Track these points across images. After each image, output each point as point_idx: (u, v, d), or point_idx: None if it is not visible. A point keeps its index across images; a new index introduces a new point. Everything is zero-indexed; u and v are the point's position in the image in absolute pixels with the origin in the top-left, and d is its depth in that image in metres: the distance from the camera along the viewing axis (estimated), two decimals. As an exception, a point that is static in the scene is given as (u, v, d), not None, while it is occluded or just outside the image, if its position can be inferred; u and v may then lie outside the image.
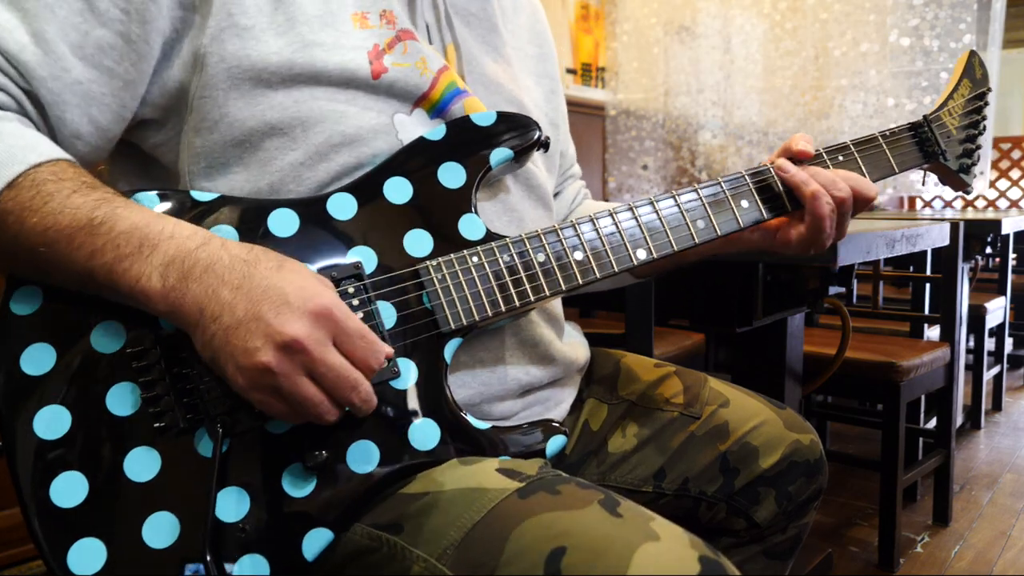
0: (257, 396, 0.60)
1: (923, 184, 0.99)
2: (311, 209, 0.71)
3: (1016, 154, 4.30)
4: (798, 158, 0.85)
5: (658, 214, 0.80)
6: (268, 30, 0.70)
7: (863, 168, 0.87)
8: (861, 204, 0.84)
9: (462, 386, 0.76)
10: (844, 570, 1.97)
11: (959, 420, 2.83)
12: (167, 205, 0.68)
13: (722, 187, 0.82)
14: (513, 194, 0.84)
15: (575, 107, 3.36)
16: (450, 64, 0.83)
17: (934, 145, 0.90)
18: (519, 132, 0.79)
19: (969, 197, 4.28)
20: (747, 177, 0.84)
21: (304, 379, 0.59)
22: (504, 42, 0.92)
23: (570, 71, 3.40)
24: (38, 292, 0.65)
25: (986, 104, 0.94)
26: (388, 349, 0.64)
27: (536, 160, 0.90)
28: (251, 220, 0.69)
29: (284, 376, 0.58)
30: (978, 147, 0.93)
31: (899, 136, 0.90)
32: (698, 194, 0.81)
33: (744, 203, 0.83)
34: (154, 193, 0.68)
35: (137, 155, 0.77)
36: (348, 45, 0.73)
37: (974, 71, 0.93)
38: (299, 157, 0.72)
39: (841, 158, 0.86)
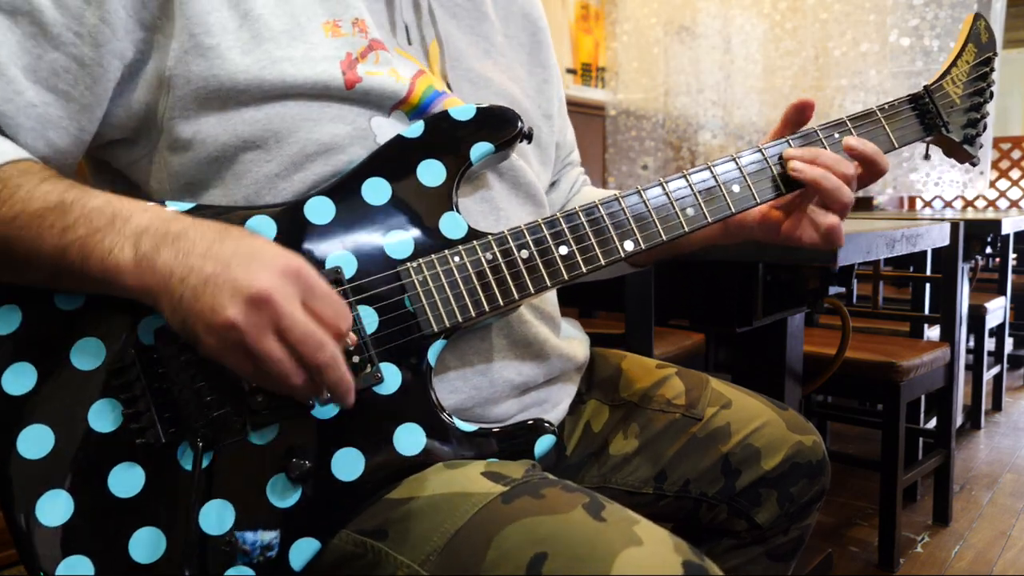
0: (226, 357, 0.59)
1: (925, 157, 0.95)
2: (288, 215, 0.70)
3: (1016, 154, 4.30)
4: (804, 112, 0.82)
5: (646, 203, 0.77)
6: (234, 48, 0.69)
7: None
8: (877, 173, 0.81)
9: (454, 391, 0.75)
10: (844, 570, 1.97)
11: (959, 420, 2.83)
12: None
13: (712, 172, 0.80)
14: (498, 192, 0.82)
15: (575, 107, 3.35)
16: (434, 62, 0.82)
17: (935, 117, 0.86)
18: (500, 125, 0.77)
19: (969, 197, 4.28)
20: (737, 161, 0.81)
21: (270, 336, 0.57)
22: (496, 31, 0.90)
23: (570, 71, 3.40)
24: (17, 311, 0.64)
25: (992, 70, 0.89)
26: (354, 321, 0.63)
27: (527, 155, 0.88)
28: None
29: (249, 332, 0.57)
30: (984, 116, 0.89)
31: (898, 109, 0.86)
32: (687, 180, 0.79)
33: (736, 188, 0.80)
34: None
35: (116, 178, 0.77)
36: (318, 57, 0.71)
37: (980, 35, 0.89)
38: (274, 169, 0.71)
39: (837, 135, 0.83)
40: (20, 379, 0.63)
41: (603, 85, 3.56)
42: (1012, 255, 3.18)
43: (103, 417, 0.63)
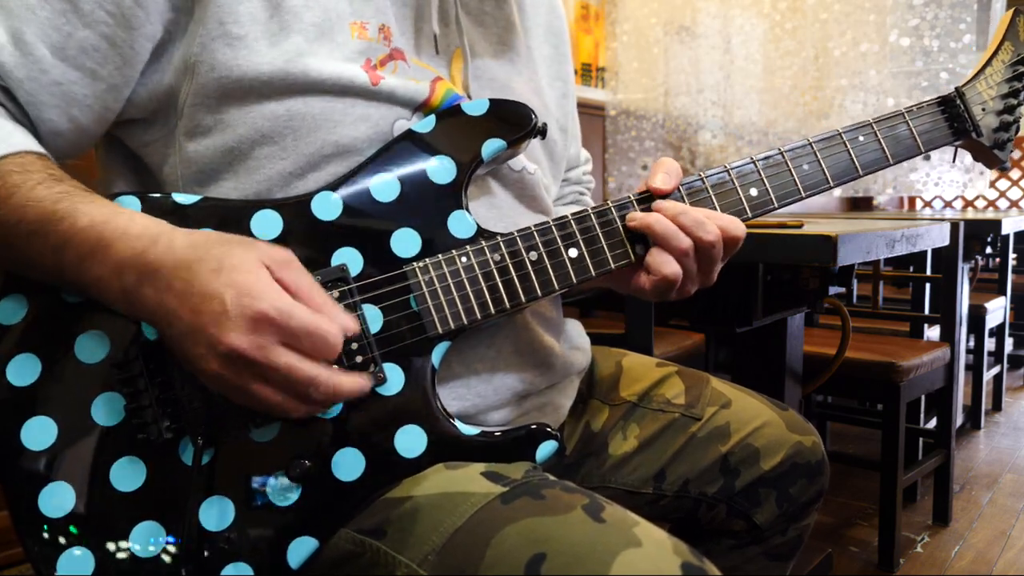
0: (226, 394, 0.60)
1: (953, 163, 0.93)
2: (295, 210, 0.69)
3: (1016, 154, 4.30)
4: (655, 195, 0.75)
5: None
6: (261, 39, 0.68)
7: (885, 149, 0.80)
8: (731, 246, 0.75)
9: (457, 398, 0.75)
10: (844, 570, 1.97)
11: (959, 420, 2.83)
12: (149, 208, 0.66)
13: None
14: (509, 203, 0.81)
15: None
16: (456, 71, 0.81)
17: (966, 121, 0.83)
18: (513, 120, 0.75)
19: (969, 197, 4.27)
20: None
21: (257, 383, 0.58)
22: (521, 41, 0.89)
23: (570, 71, 3.39)
24: (23, 302, 0.64)
25: None
26: (349, 324, 0.60)
27: (541, 162, 0.87)
28: (233, 222, 0.67)
29: (234, 381, 0.57)
30: (1017, 119, 0.85)
31: (926, 111, 0.82)
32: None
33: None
34: (135, 196, 0.67)
35: (129, 157, 0.76)
36: (341, 56, 0.71)
37: (1017, 32, 0.85)
38: (288, 167, 0.70)
39: (862, 138, 0.80)
40: (24, 370, 0.63)
41: (603, 85, 3.56)
42: (1012, 255, 3.18)
43: (106, 411, 0.63)
